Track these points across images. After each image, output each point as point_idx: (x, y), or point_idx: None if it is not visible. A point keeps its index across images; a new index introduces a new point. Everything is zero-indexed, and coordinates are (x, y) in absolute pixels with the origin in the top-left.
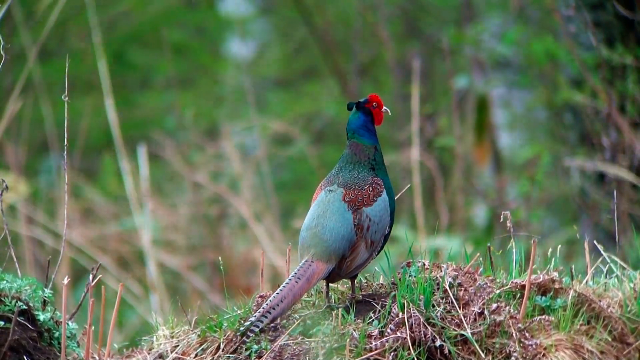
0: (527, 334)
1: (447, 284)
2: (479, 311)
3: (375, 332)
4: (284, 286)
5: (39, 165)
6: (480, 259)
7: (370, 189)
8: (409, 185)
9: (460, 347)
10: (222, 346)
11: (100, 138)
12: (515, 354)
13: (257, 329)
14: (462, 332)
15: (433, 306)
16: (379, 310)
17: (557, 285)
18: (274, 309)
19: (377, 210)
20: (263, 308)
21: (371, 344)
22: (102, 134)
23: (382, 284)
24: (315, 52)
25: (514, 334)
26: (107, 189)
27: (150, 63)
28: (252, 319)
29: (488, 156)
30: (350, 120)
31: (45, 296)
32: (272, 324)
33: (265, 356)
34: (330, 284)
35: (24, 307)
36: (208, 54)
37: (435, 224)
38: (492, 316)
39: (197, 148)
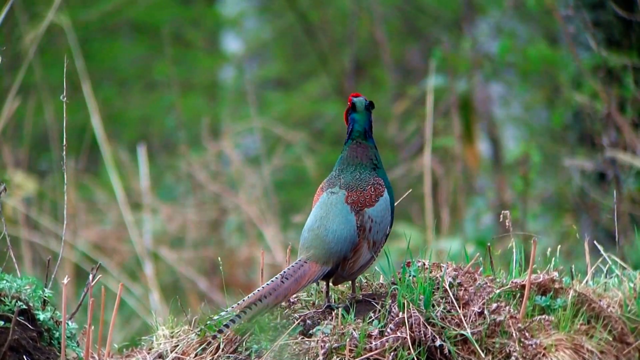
0: (527, 334)
1: (447, 283)
2: (479, 311)
3: (375, 332)
4: (267, 284)
5: (39, 164)
6: (480, 258)
7: (372, 190)
8: (410, 190)
9: (460, 347)
10: (222, 346)
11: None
12: (515, 354)
13: (227, 329)
14: (462, 331)
15: (433, 306)
16: (379, 310)
17: (557, 285)
18: (250, 308)
19: (379, 211)
20: (238, 304)
21: (371, 343)
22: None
23: (382, 284)
24: (312, 52)
25: (514, 334)
26: (109, 184)
27: (150, 63)
28: (225, 315)
29: (479, 158)
30: (359, 121)
31: (45, 296)
32: (250, 322)
33: (265, 356)
34: (330, 284)
35: (24, 306)
36: (205, 53)
37: (439, 225)
38: (492, 316)
39: (198, 148)
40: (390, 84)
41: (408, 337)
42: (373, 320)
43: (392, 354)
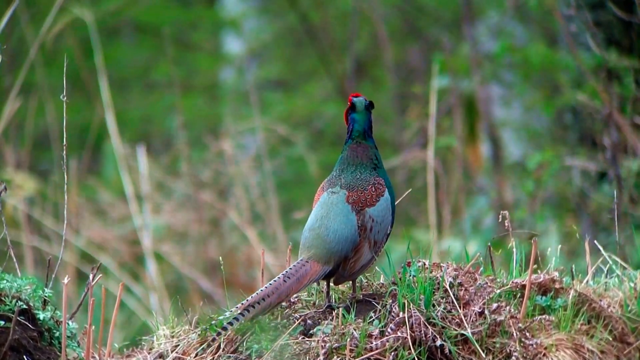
0: (527, 334)
1: (448, 283)
2: (480, 311)
3: (376, 332)
4: (270, 284)
5: (41, 164)
6: (481, 258)
7: (373, 189)
8: (410, 190)
9: (460, 347)
10: (222, 346)
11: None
12: (515, 354)
13: (230, 327)
14: (463, 331)
15: (433, 306)
16: (380, 310)
17: (557, 285)
18: (253, 307)
19: (380, 210)
20: (242, 304)
21: (372, 343)
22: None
23: (382, 284)
24: (312, 52)
25: (515, 334)
26: (109, 183)
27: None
28: (227, 314)
29: (481, 158)
30: (359, 121)
31: (46, 296)
32: (252, 321)
33: (265, 356)
34: (331, 284)
35: (25, 306)
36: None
37: (440, 225)
38: (493, 316)
39: (200, 148)
40: (391, 84)
41: (408, 337)
42: (373, 320)
43: (392, 353)
